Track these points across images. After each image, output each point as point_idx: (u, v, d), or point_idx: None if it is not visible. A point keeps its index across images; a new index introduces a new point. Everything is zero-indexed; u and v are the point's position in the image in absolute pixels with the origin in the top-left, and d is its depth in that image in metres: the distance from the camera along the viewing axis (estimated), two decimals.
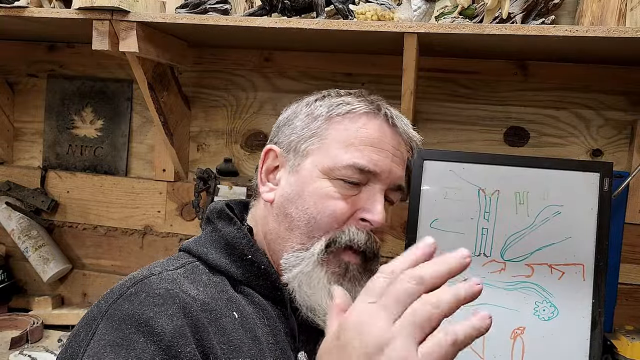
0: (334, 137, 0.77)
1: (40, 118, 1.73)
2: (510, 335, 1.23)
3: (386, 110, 0.80)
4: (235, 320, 0.70)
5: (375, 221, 0.75)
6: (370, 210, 0.75)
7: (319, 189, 0.75)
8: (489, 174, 1.29)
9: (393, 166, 0.78)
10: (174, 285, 0.69)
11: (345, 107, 0.78)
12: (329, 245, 0.74)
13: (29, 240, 1.64)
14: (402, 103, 1.24)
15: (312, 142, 0.78)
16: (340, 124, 0.77)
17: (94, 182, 1.68)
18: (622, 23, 1.14)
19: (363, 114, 0.78)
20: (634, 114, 1.35)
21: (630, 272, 1.35)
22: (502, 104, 1.42)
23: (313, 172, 0.76)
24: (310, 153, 0.77)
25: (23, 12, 1.27)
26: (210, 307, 0.69)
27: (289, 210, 0.76)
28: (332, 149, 0.76)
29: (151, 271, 0.72)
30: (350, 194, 0.75)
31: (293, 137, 0.80)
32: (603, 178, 1.23)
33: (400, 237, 1.47)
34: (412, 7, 1.19)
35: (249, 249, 0.76)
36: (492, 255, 1.27)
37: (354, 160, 0.74)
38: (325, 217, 0.74)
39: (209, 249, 0.78)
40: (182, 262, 0.77)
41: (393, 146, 0.78)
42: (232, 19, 1.19)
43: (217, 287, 0.74)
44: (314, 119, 0.79)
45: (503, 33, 1.07)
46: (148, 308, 0.64)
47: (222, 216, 0.81)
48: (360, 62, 1.46)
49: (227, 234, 0.78)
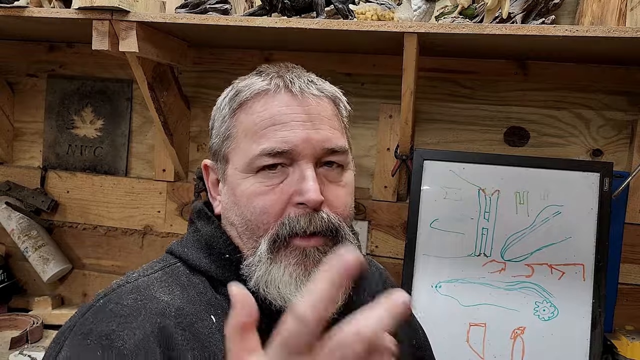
0: (240, 131, 0.73)
1: (40, 118, 1.73)
2: (510, 335, 1.23)
3: (283, 80, 0.73)
4: (212, 325, 0.68)
5: (310, 200, 0.68)
6: (300, 191, 0.69)
7: (245, 190, 0.72)
8: (489, 174, 1.29)
9: (310, 133, 0.71)
10: (146, 292, 0.68)
11: (240, 95, 0.74)
12: (274, 241, 0.70)
13: (28, 240, 1.64)
14: (402, 103, 1.24)
15: (227, 145, 0.75)
16: (241, 116, 0.74)
17: (94, 182, 1.68)
18: (622, 23, 1.14)
19: (260, 94, 0.73)
20: (634, 114, 1.35)
21: (630, 272, 1.35)
22: (502, 104, 1.42)
23: (235, 176, 0.73)
24: (229, 157, 0.75)
25: (23, 12, 1.27)
26: (185, 312, 0.68)
27: (232, 219, 0.74)
28: (242, 145, 0.73)
29: (128, 278, 0.72)
30: (276, 182, 0.71)
31: (215, 145, 0.77)
32: (603, 178, 1.23)
33: (400, 237, 1.47)
34: (412, 7, 1.19)
35: (226, 247, 0.74)
36: (492, 255, 1.27)
37: (261, 147, 0.70)
38: (257, 215, 0.70)
39: (189, 250, 0.76)
40: (163, 264, 0.76)
41: (304, 112, 0.72)
42: (232, 18, 1.19)
43: (196, 289, 0.72)
44: (223, 120, 0.76)
45: (503, 33, 1.07)
46: (111, 321, 0.64)
47: (201, 215, 0.79)
48: (360, 62, 1.46)
49: (206, 234, 0.76)
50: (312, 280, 0.66)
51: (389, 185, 1.48)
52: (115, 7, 1.19)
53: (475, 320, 1.25)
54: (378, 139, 1.49)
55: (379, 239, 1.50)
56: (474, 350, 1.24)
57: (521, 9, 1.18)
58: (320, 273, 0.41)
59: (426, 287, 1.28)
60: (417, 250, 1.29)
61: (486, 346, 1.23)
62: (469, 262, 1.27)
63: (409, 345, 0.90)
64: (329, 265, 0.41)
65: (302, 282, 0.69)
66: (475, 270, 1.27)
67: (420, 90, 1.39)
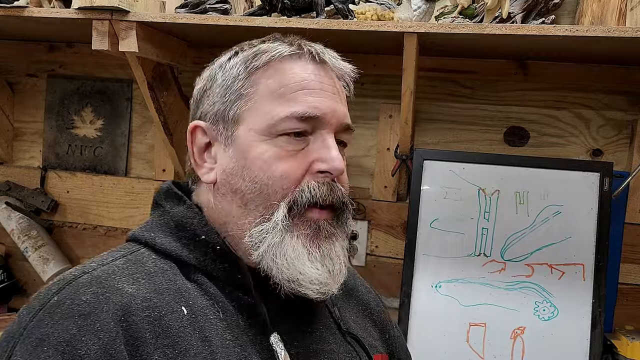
0: (262, 92, 0.69)
1: (40, 118, 1.73)
2: (510, 335, 1.23)
3: (309, 47, 0.72)
4: (183, 317, 0.62)
5: (335, 168, 0.67)
6: (325, 159, 0.67)
7: (262, 153, 0.67)
8: (489, 174, 1.29)
9: (335, 105, 0.70)
10: (107, 283, 0.61)
11: (263, 56, 0.70)
12: (291, 208, 0.67)
13: (28, 240, 1.64)
14: (402, 103, 1.24)
15: (239, 105, 0.69)
16: (263, 76, 0.70)
17: (93, 182, 1.68)
18: (622, 23, 1.14)
19: (285, 58, 0.70)
20: (634, 114, 1.35)
21: (630, 272, 1.35)
22: (502, 103, 1.42)
23: (250, 137, 0.68)
24: (241, 117, 0.69)
25: (23, 12, 1.27)
26: (152, 304, 0.61)
27: (238, 185, 0.68)
28: (264, 105, 0.68)
29: (85, 268, 0.64)
30: (298, 148, 0.68)
31: (217, 105, 0.71)
32: (603, 178, 1.23)
33: (400, 237, 1.47)
34: (412, 6, 1.19)
35: (202, 228, 0.68)
36: (492, 255, 1.27)
37: (291, 109, 0.67)
38: (275, 180, 0.66)
39: (156, 233, 0.70)
40: (125, 252, 0.69)
41: (329, 84, 0.71)
42: (232, 18, 1.19)
43: (164, 275, 0.65)
44: (234, 80, 0.71)
45: (503, 33, 1.07)
46: (70, 323, 0.56)
47: (169, 196, 0.74)
48: (360, 62, 1.45)
49: (176, 215, 0.70)
50: (322, 255, 0.66)
51: (389, 185, 1.48)
52: (115, 7, 1.19)
53: (475, 320, 1.25)
54: (378, 139, 1.49)
55: (379, 239, 1.50)
56: (474, 350, 1.24)
57: (521, 9, 1.18)
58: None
59: (426, 287, 1.28)
60: (417, 250, 1.29)
61: (486, 346, 1.23)
62: (469, 262, 1.27)
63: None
64: None
65: (315, 256, 0.67)
66: (475, 270, 1.27)
67: (420, 90, 1.39)
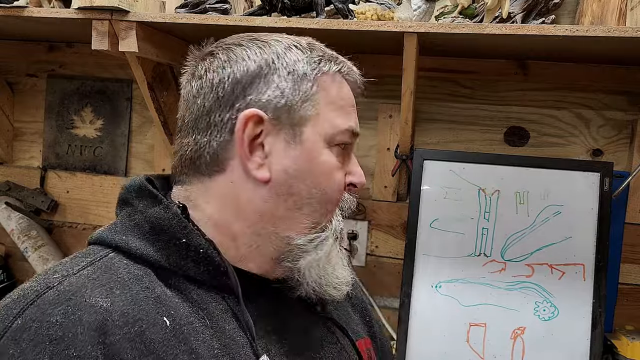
0: (326, 99, 0.69)
1: (40, 118, 1.73)
2: (510, 335, 1.23)
3: (347, 65, 0.74)
4: (165, 329, 0.57)
5: (363, 183, 0.73)
6: (355, 173, 0.73)
7: (326, 161, 0.68)
8: (489, 174, 1.28)
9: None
10: (78, 299, 0.55)
11: (326, 65, 0.70)
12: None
13: (28, 240, 1.64)
14: (402, 103, 1.24)
15: (306, 108, 0.67)
16: (328, 83, 0.70)
17: (93, 182, 1.68)
18: (622, 23, 1.14)
19: (336, 72, 0.71)
20: (634, 114, 1.35)
21: (630, 272, 1.35)
22: (502, 103, 1.42)
23: (318, 143, 0.68)
24: (308, 120, 0.67)
25: (22, 12, 1.26)
26: (132, 318, 0.56)
27: (297, 189, 0.66)
28: (327, 114, 0.69)
29: (48, 281, 0.57)
30: (342, 161, 0.71)
31: (281, 100, 0.66)
32: (603, 178, 1.23)
33: (400, 237, 1.47)
34: (412, 6, 1.19)
35: (181, 231, 0.63)
36: (492, 255, 1.27)
37: (349, 123, 0.70)
38: (335, 190, 0.69)
39: (128, 237, 0.64)
40: (92, 258, 0.63)
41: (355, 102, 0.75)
42: (232, 18, 1.19)
43: (141, 283, 0.60)
44: (301, 80, 0.67)
45: (503, 33, 1.07)
46: (41, 352, 0.50)
47: (142, 194, 0.67)
48: (360, 62, 1.45)
49: (151, 216, 0.64)
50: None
51: (389, 185, 1.48)
52: (115, 7, 1.19)
53: (475, 320, 1.25)
54: (378, 139, 1.49)
55: (379, 239, 1.50)
56: (474, 350, 1.24)
57: (521, 9, 1.18)
58: None
59: (426, 287, 1.28)
60: (417, 250, 1.29)
61: (486, 346, 1.23)
62: (469, 262, 1.27)
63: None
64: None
65: (344, 260, 0.74)
66: (475, 270, 1.27)
67: (420, 90, 1.39)
